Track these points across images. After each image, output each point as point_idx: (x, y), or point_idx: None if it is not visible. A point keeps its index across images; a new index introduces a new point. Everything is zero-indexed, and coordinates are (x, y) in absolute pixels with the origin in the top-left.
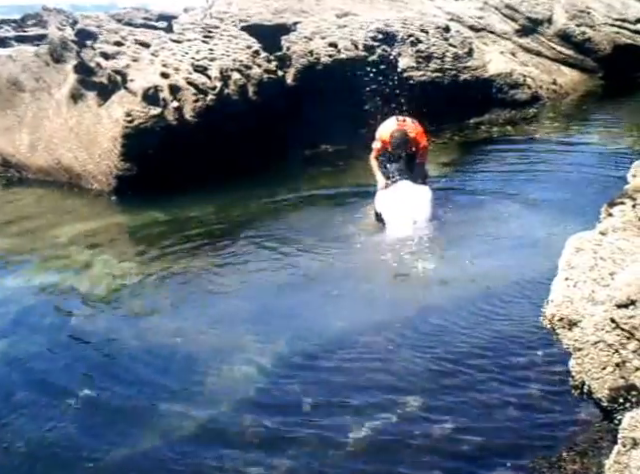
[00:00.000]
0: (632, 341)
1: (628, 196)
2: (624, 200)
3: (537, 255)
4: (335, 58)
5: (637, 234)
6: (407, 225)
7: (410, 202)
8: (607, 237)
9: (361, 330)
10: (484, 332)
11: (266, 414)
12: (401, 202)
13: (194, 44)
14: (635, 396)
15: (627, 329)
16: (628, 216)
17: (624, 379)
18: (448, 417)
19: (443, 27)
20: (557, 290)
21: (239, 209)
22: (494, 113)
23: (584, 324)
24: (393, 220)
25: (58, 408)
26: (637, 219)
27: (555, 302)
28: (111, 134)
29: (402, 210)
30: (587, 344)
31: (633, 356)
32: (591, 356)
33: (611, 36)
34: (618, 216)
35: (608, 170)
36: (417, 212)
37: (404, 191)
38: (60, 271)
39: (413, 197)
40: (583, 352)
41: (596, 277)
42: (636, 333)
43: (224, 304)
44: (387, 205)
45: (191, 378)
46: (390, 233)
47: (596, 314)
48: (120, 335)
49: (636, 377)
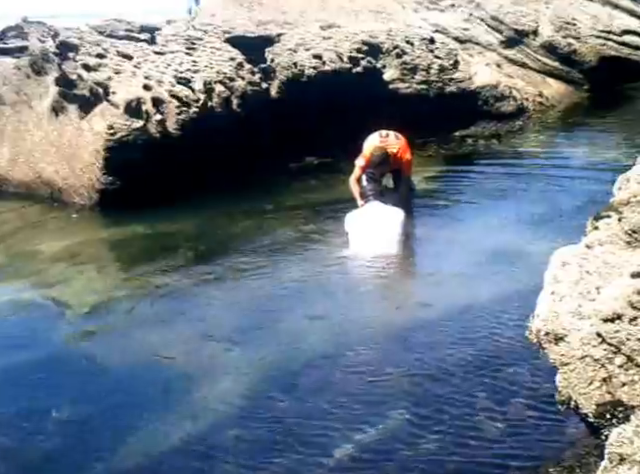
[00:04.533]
0: (619, 356)
1: (614, 209)
2: (610, 213)
3: (520, 269)
4: (320, 70)
5: (623, 247)
6: (372, 246)
7: (377, 224)
8: (593, 251)
9: (344, 346)
10: (467, 347)
11: (249, 429)
12: (368, 224)
13: (177, 56)
14: (622, 412)
15: (614, 344)
16: (614, 229)
17: (611, 394)
18: (433, 433)
19: (428, 39)
20: (543, 304)
21: (223, 223)
22: (480, 126)
23: (570, 339)
24: (358, 240)
25: (36, 426)
26: (623, 232)
27: (541, 316)
28: (93, 147)
29: (367, 232)
30: (573, 359)
31: (620, 371)
32: (577, 371)
33: (597, 48)
34: (604, 229)
35: (594, 183)
36: (383, 234)
37: (373, 213)
38: (41, 286)
39: (381, 219)
40: (569, 367)
41: (582, 291)
42: (622, 348)
43: (207, 319)
44: (354, 225)
45: (173, 395)
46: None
47: (582, 328)
48: (102, 351)
49: (623, 392)
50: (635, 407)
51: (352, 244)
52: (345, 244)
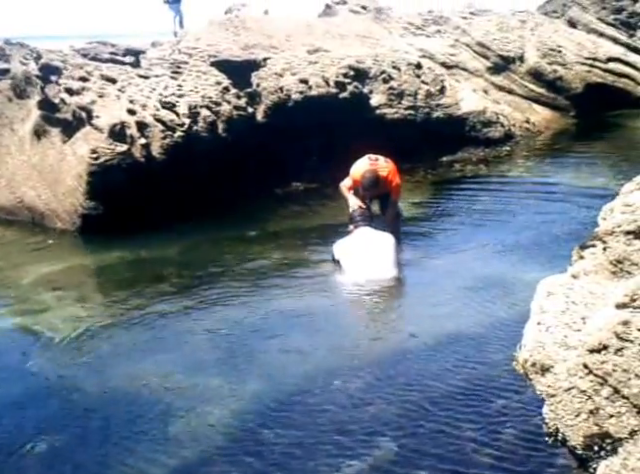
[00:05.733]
0: (605, 387)
1: (599, 239)
2: (595, 243)
3: (507, 298)
4: (306, 95)
5: (608, 277)
6: (367, 272)
7: (370, 250)
8: (579, 281)
9: (332, 375)
10: (456, 377)
11: (235, 460)
12: (360, 250)
13: (162, 80)
14: (610, 444)
15: (600, 375)
16: (599, 259)
17: (598, 426)
18: (421, 463)
19: (415, 64)
20: (529, 334)
21: (207, 249)
22: (467, 151)
23: (557, 370)
24: (352, 268)
25: (13, 457)
26: (608, 262)
27: (527, 347)
28: (76, 171)
29: (361, 258)
30: (560, 390)
31: (606, 403)
32: (564, 403)
33: (582, 74)
34: (589, 259)
35: (581, 210)
36: (376, 260)
37: (364, 238)
38: (22, 313)
39: (373, 245)
40: (556, 398)
41: (568, 321)
42: (609, 379)
43: (191, 347)
44: (345, 252)
45: (157, 424)
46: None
47: (569, 359)
48: (83, 380)
49: (610, 424)
50: (622, 439)
51: (345, 271)
52: (333, 271)
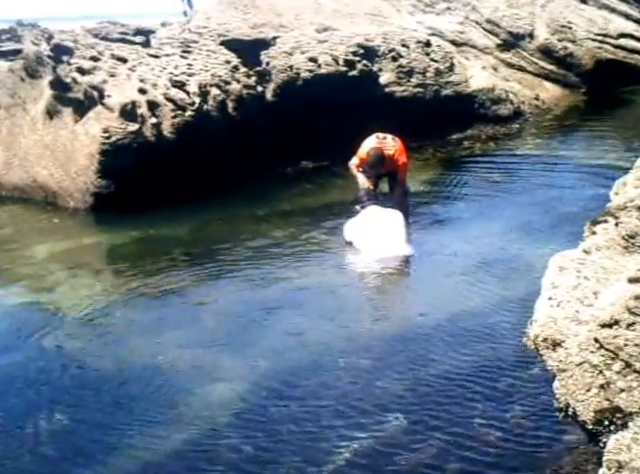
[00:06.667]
0: (617, 362)
1: (611, 214)
2: (607, 218)
3: (518, 274)
4: (315, 73)
5: (620, 252)
6: (379, 250)
7: (380, 228)
8: (590, 256)
9: (341, 352)
10: (466, 353)
11: (245, 436)
12: (371, 229)
13: (172, 59)
14: (620, 418)
15: (611, 349)
16: (611, 234)
17: (609, 401)
18: (431, 439)
19: (424, 42)
20: (541, 310)
21: (217, 227)
22: (476, 129)
23: (568, 344)
24: (365, 247)
25: (29, 432)
26: (620, 237)
27: (539, 322)
28: (88, 151)
29: (373, 237)
30: (571, 365)
31: (618, 377)
32: (575, 377)
33: (593, 51)
34: (601, 234)
35: (591, 187)
36: (388, 238)
37: (373, 217)
38: (35, 290)
39: (383, 222)
40: (567, 373)
41: (580, 296)
42: (620, 353)
43: (202, 323)
44: (357, 233)
45: (168, 399)
46: (364, 258)
47: (580, 334)
48: (95, 355)
49: (621, 399)
50: (633, 414)
51: (358, 251)
52: (343, 249)
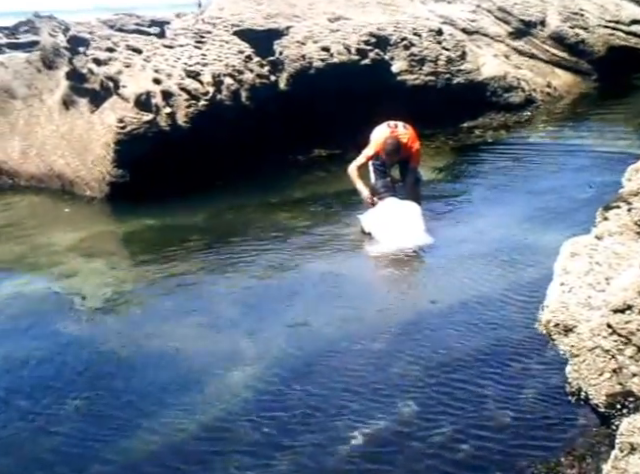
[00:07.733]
0: (629, 347)
1: (623, 200)
2: (619, 204)
3: (530, 260)
4: (328, 62)
5: (633, 238)
6: (400, 240)
7: (399, 219)
8: (603, 241)
9: (356, 337)
10: (479, 338)
11: (260, 420)
12: (390, 220)
13: (186, 49)
14: (632, 402)
15: (624, 334)
16: (624, 220)
17: (621, 385)
18: (444, 423)
19: (436, 30)
20: (552, 295)
21: (232, 216)
22: (488, 117)
23: (580, 330)
24: (385, 238)
25: (51, 415)
26: (633, 223)
27: (550, 308)
28: (104, 140)
29: (392, 228)
30: (583, 350)
31: (630, 362)
32: (588, 362)
33: (605, 38)
34: (614, 220)
35: (603, 173)
36: (408, 228)
37: (392, 208)
38: (53, 278)
39: (402, 214)
40: (579, 358)
41: (592, 282)
42: (633, 338)
43: (218, 310)
44: (376, 225)
45: (186, 384)
46: (381, 246)
47: (592, 319)
48: (113, 342)
49: (633, 383)
50: None
51: (377, 241)
52: (357, 236)
